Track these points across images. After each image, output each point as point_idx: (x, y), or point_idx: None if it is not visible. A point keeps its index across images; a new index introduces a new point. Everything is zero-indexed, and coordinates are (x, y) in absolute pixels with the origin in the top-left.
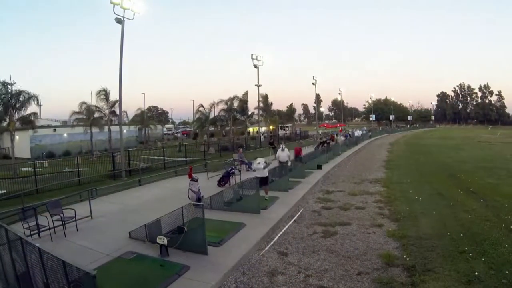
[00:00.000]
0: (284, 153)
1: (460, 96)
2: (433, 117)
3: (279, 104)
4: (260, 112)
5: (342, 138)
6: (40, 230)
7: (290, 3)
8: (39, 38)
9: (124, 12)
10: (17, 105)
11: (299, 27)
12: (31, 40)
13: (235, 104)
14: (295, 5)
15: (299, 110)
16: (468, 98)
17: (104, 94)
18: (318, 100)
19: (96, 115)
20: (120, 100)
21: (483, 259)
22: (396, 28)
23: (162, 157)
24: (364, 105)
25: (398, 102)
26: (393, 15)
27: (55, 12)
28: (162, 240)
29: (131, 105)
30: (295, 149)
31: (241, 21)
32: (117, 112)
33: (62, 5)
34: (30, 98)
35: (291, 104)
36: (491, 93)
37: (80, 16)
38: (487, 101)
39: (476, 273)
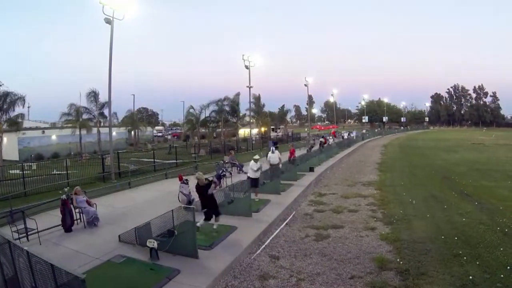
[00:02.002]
0: (275, 155)
1: (454, 97)
2: (427, 119)
3: (271, 105)
4: (252, 113)
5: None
6: (29, 233)
7: (282, 4)
8: (26, 38)
9: (113, 12)
10: (5, 107)
11: (291, 28)
12: (18, 39)
13: (226, 105)
14: (287, 6)
15: (291, 112)
16: (463, 100)
17: (93, 95)
18: (310, 101)
19: (85, 116)
20: (109, 102)
21: (477, 262)
22: (390, 29)
23: (152, 159)
24: (357, 106)
25: (392, 104)
26: (386, 15)
27: (44, 11)
28: (152, 243)
29: (121, 107)
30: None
31: (233, 22)
32: (107, 114)
33: (50, 3)
34: (17, 99)
35: (283, 105)
36: (485, 94)
37: (69, 15)
38: (481, 102)
39: (471, 277)
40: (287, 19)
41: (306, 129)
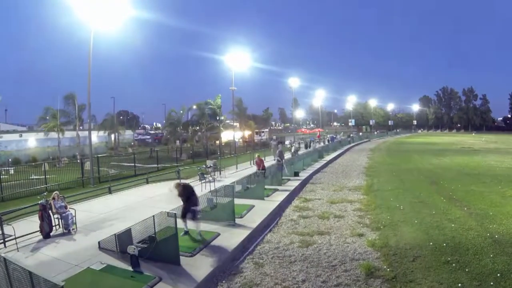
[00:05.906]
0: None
1: (443, 100)
2: (415, 122)
3: (254, 108)
4: (235, 116)
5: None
6: (6, 239)
7: (268, 4)
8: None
9: (93, 14)
10: None
11: (278, 28)
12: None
13: (208, 108)
14: (275, 6)
15: (276, 115)
16: (452, 102)
17: (71, 98)
18: (295, 104)
19: (63, 120)
20: (88, 105)
21: (467, 269)
22: (381, 29)
23: (133, 164)
24: (343, 109)
25: (379, 107)
26: (377, 15)
27: (25, 11)
28: (133, 250)
29: (100, 110)
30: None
31: (218, 23)
32: (86, 117)
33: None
34: None
35: (267, 108)
36: (475, 97)
37: (50, 18)
38: (471, 105)
39: (460, 285)
40: (272, 19)
41: (287, 133)
